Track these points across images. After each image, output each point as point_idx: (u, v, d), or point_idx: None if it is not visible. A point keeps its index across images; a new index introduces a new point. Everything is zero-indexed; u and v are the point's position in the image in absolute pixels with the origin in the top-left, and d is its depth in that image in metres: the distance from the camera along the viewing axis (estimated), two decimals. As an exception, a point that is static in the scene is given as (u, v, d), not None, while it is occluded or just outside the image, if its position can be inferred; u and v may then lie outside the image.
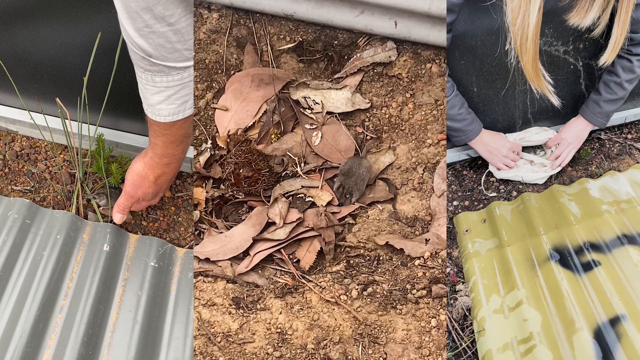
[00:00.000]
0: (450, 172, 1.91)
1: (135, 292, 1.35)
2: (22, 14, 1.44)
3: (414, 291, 1.26)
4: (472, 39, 1.62)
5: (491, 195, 1.85)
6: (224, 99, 1.39)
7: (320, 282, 1.28)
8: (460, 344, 1.45)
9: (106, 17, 1.39)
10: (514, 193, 1.85)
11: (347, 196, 1.34)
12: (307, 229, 1.33)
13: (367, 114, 1.39)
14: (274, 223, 1.34)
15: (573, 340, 1.31)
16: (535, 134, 1.85)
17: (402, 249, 1.30)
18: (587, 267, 1.46)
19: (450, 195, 1.86)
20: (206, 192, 1.35)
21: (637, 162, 1.90)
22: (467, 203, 1.85)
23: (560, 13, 1.36)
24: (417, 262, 1.29)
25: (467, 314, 1.52)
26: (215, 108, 1.38)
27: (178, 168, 1.42)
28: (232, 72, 1.41)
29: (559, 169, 1.84)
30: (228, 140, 1.36)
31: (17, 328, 1.20)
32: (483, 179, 1.88)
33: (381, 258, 1.31)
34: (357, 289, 1.27)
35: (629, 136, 1.99)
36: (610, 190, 1.68)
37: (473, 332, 1.48)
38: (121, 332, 1.27)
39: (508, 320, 1.44)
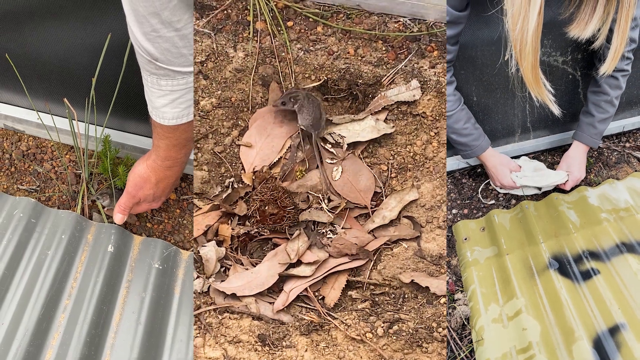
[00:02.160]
0: (449, 180, 1.92)
1: (139, 293, 1.35)
2: (31, 14, 1.45)
3: (440, 329, 1.27)
4: (472, 49, 1.63)
5: (490, 203, 1.86)
6: (248, 135, 1.39)
7: (345, 320, 1.28)
8: (459, 354, 1.46)
9: (115, 19, 1.41)
10: (513, 201, 1.86)
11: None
12: (336, 265, 1.32)
13: (392, 152, 1.39)
14: (300, 260, 1.33)
15: (572, 350, 1.31)
16: (546, 180, 1.79)
17: (427, 287, 1.30)
18: (586, 275, 1.46)
19: (449, 204, 1.87)
20: (232, 229, 1.35)
21: (636, 171, 1.91)
22: (466, 211, 1.86)
23: (560, 25, 1.37)
24: (442, 300, 1.30)
25: (466, 323, 1.53)
26: (240, 145, 1.38)
27: (180, 172, 1.43)
28: (258, 110, 1.41)
29: None
30: (253, 177, 1.36)
31: (20, 327, 1.20)
32: (481, 187, 1.89)
33: (406, 296, 1.31)
34: (382, 327, 1.27)
35: (627, 145, 2.01)
36: (609, 198, 1.68)
37: (472, 341, 1.48)
38: (124, 334, 1.28)
39: (507, 330, 1.44)
